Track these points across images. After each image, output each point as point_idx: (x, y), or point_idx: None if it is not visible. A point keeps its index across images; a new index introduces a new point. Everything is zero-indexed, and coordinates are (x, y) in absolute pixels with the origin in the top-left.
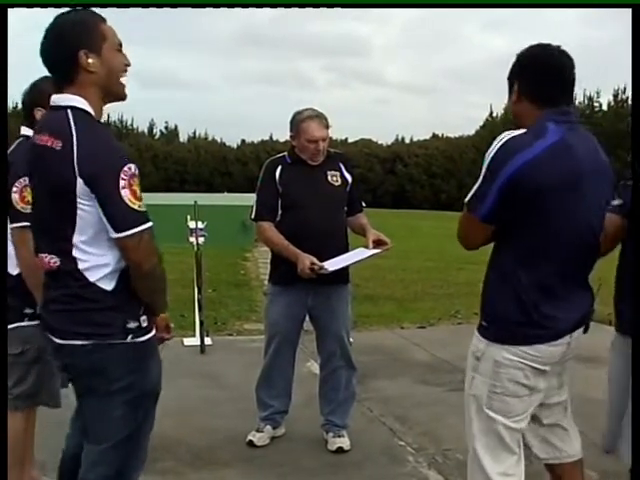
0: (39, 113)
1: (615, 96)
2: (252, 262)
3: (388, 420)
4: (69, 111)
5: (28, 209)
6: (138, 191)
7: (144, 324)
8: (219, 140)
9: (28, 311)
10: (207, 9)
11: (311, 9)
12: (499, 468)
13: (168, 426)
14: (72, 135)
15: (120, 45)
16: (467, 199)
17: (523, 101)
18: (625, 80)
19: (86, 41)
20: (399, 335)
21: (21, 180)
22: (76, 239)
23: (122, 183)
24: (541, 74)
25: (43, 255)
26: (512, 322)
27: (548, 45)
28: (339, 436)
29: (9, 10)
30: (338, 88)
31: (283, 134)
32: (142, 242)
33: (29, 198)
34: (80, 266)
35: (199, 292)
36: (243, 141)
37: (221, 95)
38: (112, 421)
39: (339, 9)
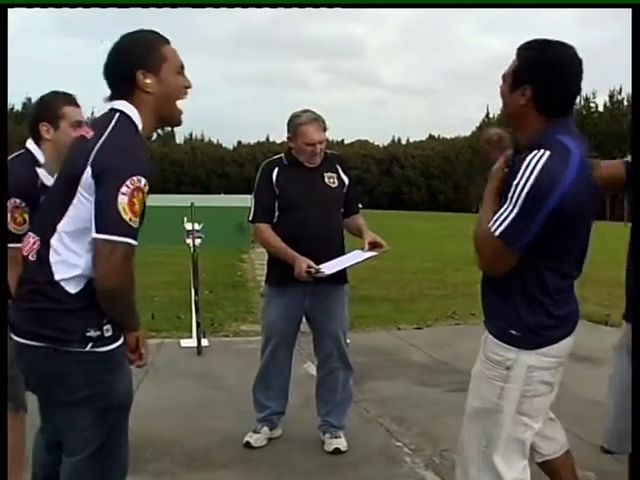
0: (44, 129)
1: (611, 97)
2: (248, 263)
3: (385, 421)
4: (118, 114)
5: (20, 230)
6: (137, 206)
7: (107, 333)
8: (215, 141)
9: None
10: (204, 10)
11: (309, 10)
12: (513, 473)
13: (164, 427)
14: (106, 130)
15: (182, 67)
16: (500, 231)
17: (531, 108)
18: (621, 81)
19: (145, 61)
20: (396, 336)
21: (11, 201)
22: (61, 227)
23: (124, 189)
24: (561, 84)
25: (31, 235)
26: (543, 327)
27: (566, 46)
28: (336, 437)
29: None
30: (335, 89)
31: (279, 135)
32: (113, 254)
33: (20, 219)
34: (52, 258)
35: (196, 293)
36: (239, 142)
37: (217, 96)
38: (80, 431)
39: (335, 11)
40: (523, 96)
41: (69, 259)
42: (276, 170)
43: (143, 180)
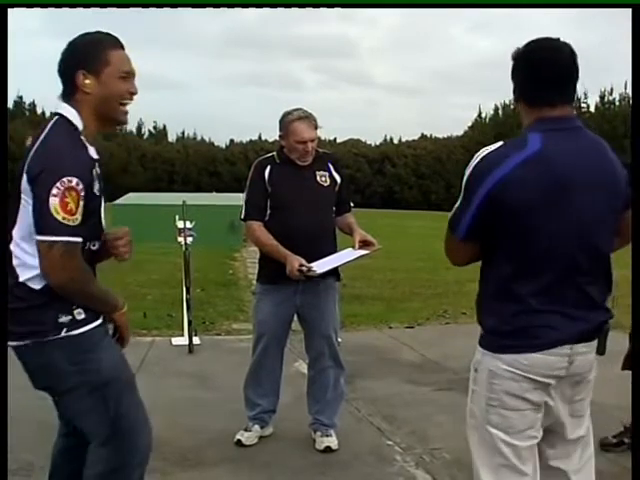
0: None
1: (602, 97)
2: (240, 262)
3: (376, 420)
4: (56, 117)
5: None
6: (72, 205)
7: (80, 316)
8: (207, 140)
9: None
10: (196, 10)
11: (300, 10)
12: None
13: (155, 425)
14: (41, 135)
15: (127, 73)
16: (449, 218)
17: (519, 102)
18: (612, 81)
19: (87, 62)
20: (387, 335)
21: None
22: (15, 234)
23: (54, 191)
24: (530, 73)
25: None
26: (503, 331)
27: (542, 39)
28: (327, 435)
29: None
30: (326, 89)
31: (272, 134)
32: (51, 253)
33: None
34: (14, 262)
35: (187, 292)
36: (232, 141)
37: (210, 95)
38: (86, 417)
39: (327, 11)
40: (514, 97)
41: (27, 261)
42: (268, 168)
43: (75, 180)
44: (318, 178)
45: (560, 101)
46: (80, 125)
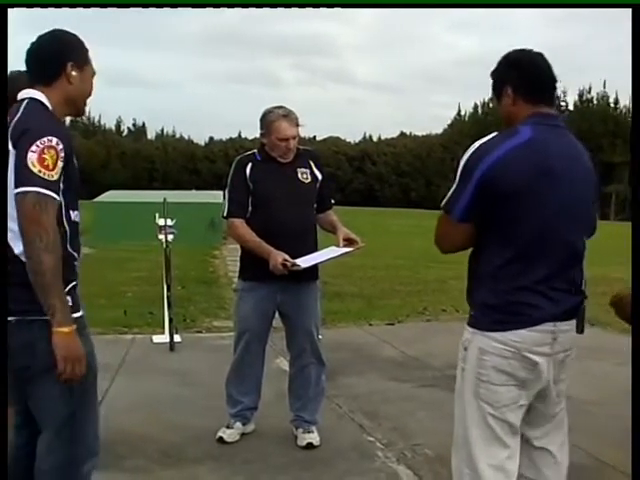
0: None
1: (580, 96)
2: (220, 259)
3: (357, 416)
4: (26, 100)
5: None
6: (49, 162)
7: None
8: (187, 138)
9: None
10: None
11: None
12: (491, 460)
13: (137, 423)
14: (18, 112)
15: (94, 74)
16: (443, 203)
17: (518, 101)
18: (590, 80)
19: (76, 56)
20: (368, 332)
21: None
22: (8, 207)
23: (34, 148)
24: (534, 75)
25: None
26: (493, 310)
27: (528, 49)
28: (309, 432)
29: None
30: (306, 86)
31: (251, 132)
32: (23, 202)
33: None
34: (9, 235)
35: (168, 289)
36: (211, 139)
37: (189, 93)
38: (49, 402)
39: (307, 9)
40: (508, 96)
41: (18, 231)
42: (249, 166)
43: (55, 139)
44: (299, 175)
45: (551, 101)
46: (50, 107)
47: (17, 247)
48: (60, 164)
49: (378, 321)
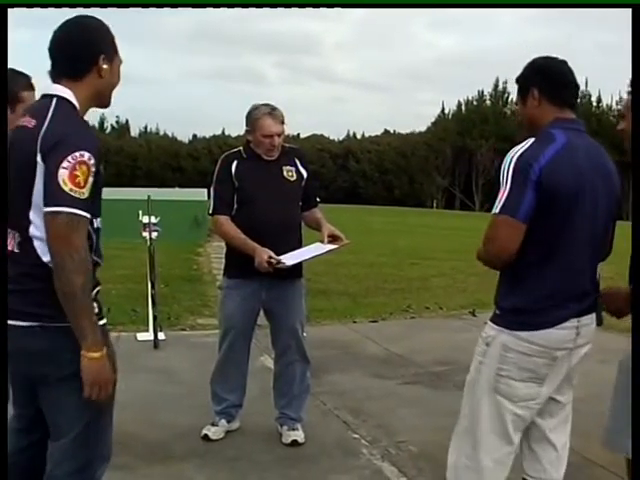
0: None
1: None
2: (205, 257)
3: (342, 413)
4: (55, 99)
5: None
6: (81, 178)
7: (95, 310)
8: (171, 135)
9: None
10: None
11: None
12: (494, 454)
13: (122, 421)
14: (47, 116)
15: (121, 63)
16: (499, 209)
17: (543, 104)
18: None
19: (107, 48)
20: (352, 329)
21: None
22: (32, 215)
23: (65, 164)
24: (560, 78)
25: (10, 230)
26: (521, 311)
27: (553, 56)
28: (293, 429)
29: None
30: (290, 84)
31: (235, 129)
32: (54, 223)
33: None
34: (35, 244)
35: (152, 287)
36: (195, 136)
37: (173, 90)
38: (68, 411)
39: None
40: (534, 98)
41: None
42: (235, 163)
43: (87, 154)
44: (285, 173)
45: (574, 105)
46: (78, 106)
47: (45, 256)
48: (91, 180)
49: (362, 318)
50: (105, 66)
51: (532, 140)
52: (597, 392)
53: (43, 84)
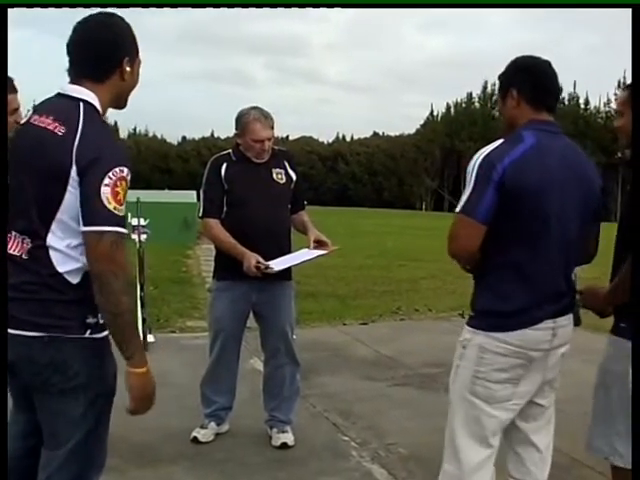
0: None
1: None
2: (194, 259)
3: (331, 415)
4: (81, 103)
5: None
6: (121, 195)
7: (102, 320)
8: (160, 137)
9: None
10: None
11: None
12: (474, 458)
13: (111, 423)
14: (78, 124)
15: (140, 64)
16: (459, 208)
17: (521, 104)
18: (561, 80)
19: (131, 50)
20: (341, 331)
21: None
22: (55, 224)
23: (107, 181)
24: (540, 80)
25: (17, 235)
26: (496, 313)
27: (536, 56)
28: (283, 432)
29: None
30: (279, 86)
31: (224, 131)
32: (101, 242)
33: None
34: (51, 253)
35: (141, 289)
36: (184, 138)
37: (162, 92)
38: (69, 420)
39: (279, 9)
40: (513, 98)
41: (68, 252)
42: (224, 166)
43: (125, 170)
44: (274, 175)
45: (553, 108)
46: (101, 110)
47: (62, 266)
48: (126, 195)
49: (352, 320)
50: (128, 68)
51: (501, 141)
52: (583, 393)
53: (39, 84)
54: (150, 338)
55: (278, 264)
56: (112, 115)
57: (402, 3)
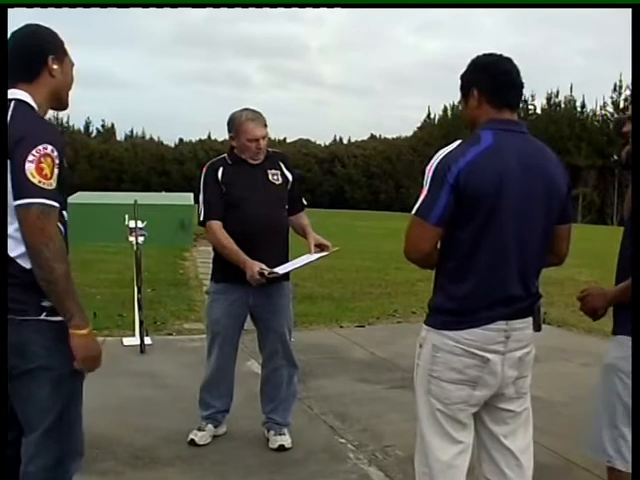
0: None
1: (548, 99)
2: (191, 262)
3: (328, 418)
4: (12, 102)
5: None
6: (47, 170)
7: None
8: (156, 139)
9: None
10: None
11: (248, 9)
12: (442, 457)
13: (107, 426)
14: (7, 116)
15: (73, 64)
16: (416, 209)
17: (483, 104)
18: (557, 84)
19: (55, 49)
20: (338, 334)
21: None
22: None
23: (30, 157)
24: (500, 78)
25: None
26: (448, 311)
27: (499, 54)
28: (280, 434)
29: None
30: (275, 88)
31: (221, 133)
32: (28, 215)
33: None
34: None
35: (139, 291)
36: (181, 140)
37: (159, 94)
38: (37, 403)
39: (275, 10)
40: (474, 99)
41: (17, 236)
42: (221, 169)
43: (50, 147)
44: (270, 176)
45: (515, 106)
46: (36, 107)
47: (13, 251)
48: (56, 171)
49: (348, 323)
50: (55, 66)
51: (459, 142)
52: (579, 395)
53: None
54: (147, 340)
55: (281, 269)
56: (109, 117)
57: (401, 3)
